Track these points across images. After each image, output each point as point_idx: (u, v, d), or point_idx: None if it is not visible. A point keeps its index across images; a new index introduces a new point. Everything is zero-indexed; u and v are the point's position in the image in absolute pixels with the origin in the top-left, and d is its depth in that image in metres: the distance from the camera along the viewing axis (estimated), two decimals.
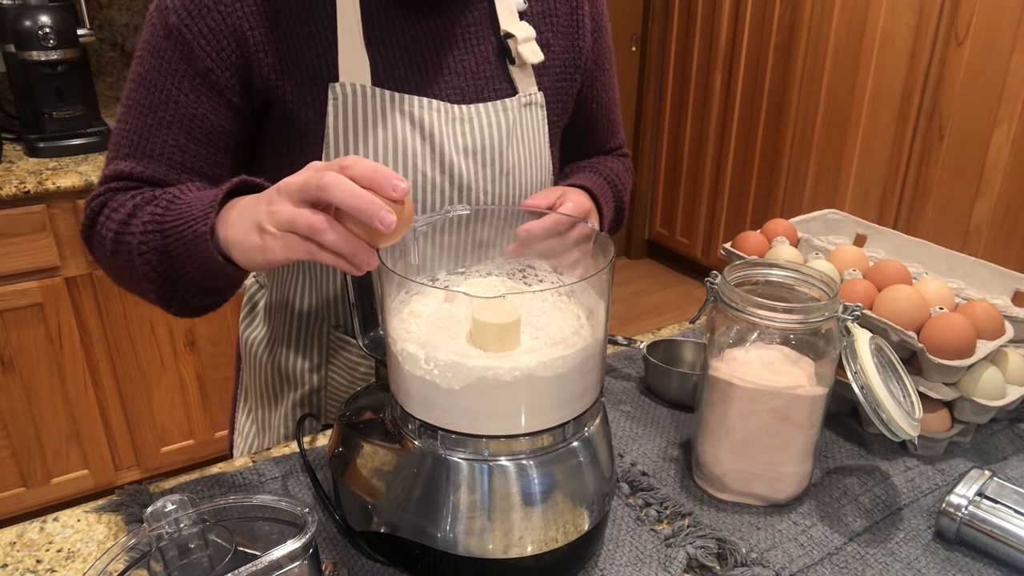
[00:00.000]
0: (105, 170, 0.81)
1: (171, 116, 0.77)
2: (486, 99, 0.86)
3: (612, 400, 0.95)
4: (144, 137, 0.78)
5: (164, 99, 0.77)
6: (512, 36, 0.85)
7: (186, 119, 0.78)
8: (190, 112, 0.77)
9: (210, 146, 0.80)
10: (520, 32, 0.86)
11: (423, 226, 0.74)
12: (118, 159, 0.80)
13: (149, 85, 0.77)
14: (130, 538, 0.53)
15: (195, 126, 0.78)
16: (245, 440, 1.07)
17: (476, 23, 0.86)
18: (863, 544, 0.73)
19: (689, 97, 3.38)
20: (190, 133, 0.78)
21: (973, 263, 1.01)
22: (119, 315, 2.00)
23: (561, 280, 0.74)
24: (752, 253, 1.03)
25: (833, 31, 2.70)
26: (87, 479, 2.11)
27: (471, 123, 0.85)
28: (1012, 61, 2.23)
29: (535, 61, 0.87)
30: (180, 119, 0.77)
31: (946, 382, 0.84)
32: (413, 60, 0.83)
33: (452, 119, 0.83)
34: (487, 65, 0.86)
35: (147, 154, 0.78)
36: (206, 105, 0.78)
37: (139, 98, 0.78)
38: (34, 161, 1.95)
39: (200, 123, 0.78)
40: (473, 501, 0.62)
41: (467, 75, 0.85)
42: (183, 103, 0.77)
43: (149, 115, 0.78)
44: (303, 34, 0.78)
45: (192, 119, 0.78)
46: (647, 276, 3.79)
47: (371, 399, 0.75)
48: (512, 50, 0.86)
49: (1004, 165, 2.31)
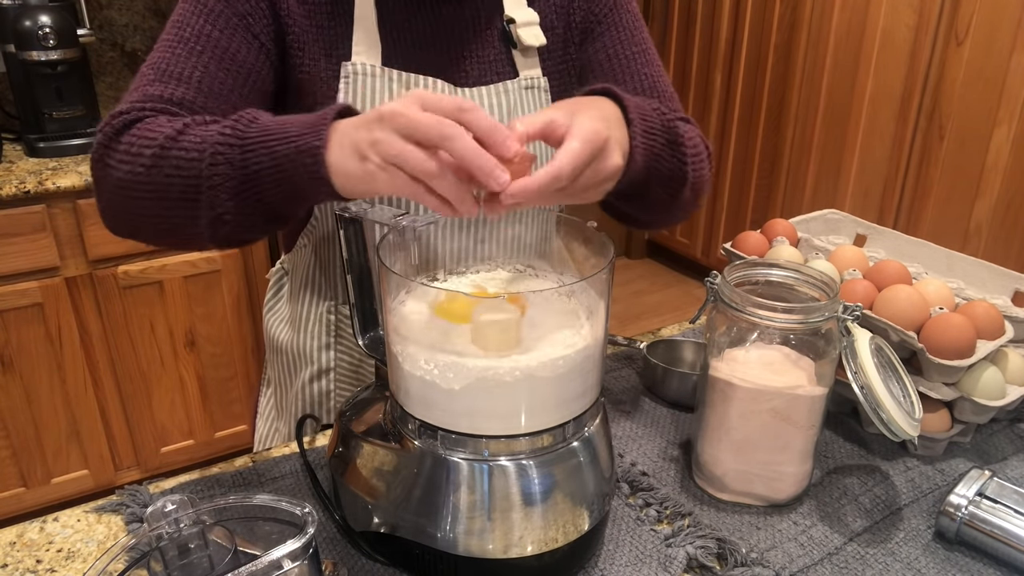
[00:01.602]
0: (129, 96, 0.74)
1: (202, 46, 0.76)
2: (489, 82, 0.88)
3: (612, 400, 0.95)
4: (173, 64, 0.75)
5: (197, 32, 0.76)
6: (513, 21, 0.88)
7: (218, 49, 0.76)
8: (223, 45, 0.76)
9: (240, 79, 0.77)
10: (521, 16, 0.88)
11: (423, 226, 0.74)
12: (144, 85, 0.75)
13: (182, 24, 0.77)
14: (130, 538, 0.53)
15: (226, 56, 0.76)
16: (267, 423, 1.10)
17: (486, 9, 0.88)
18: (863, 544, 0.73)
19: (689, 97, 3.38)
20: (220, 62, 0.76)
21: (973, 263, 1.01)
22: (119, 315, 2.00)
23: (561, 280, 0.74)
24: (752, 253, 1.03)
25: (833, 31, 2.70)
26: (87, 479, 2.11)
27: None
28: (1012, 61, 2.22)
29: (536, 44, 0.88)
30: (211, 49, 0.76)
31: (946, 382, 0.84)
32: (423, 42, 0.85)
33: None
34: (492, 49, 0.89)
35: (175, 78, 0.75)
36: (240, 41, 0.77)
37: (170, 36, 0.77)
38: (34, 161, 1.95)
39: (232, 56, 0.77)
40: (473, 501, 0.62)
41: (473, 59, 0.88)
42: (216, 37, 0.76)
43: (179, 46, 0.76)
44: (325, 14, 0.82)
45: (224, 51, 0.76)
46: (647, 276, 3.79)
47: (371, 399, 0.75)
48: (513, 34, 0.88)
49: (1004, 165, 2.31)
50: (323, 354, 0.97)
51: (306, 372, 0.99)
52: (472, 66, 0.88)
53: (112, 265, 1.95)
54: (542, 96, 0.92)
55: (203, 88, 0.75)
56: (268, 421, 1.10)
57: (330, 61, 0.82)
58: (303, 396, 1.00)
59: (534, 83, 0.90)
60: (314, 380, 0.99)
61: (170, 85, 0.74)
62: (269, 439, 1.09)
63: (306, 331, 0.97)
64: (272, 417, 1.09)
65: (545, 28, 0.90)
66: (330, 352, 0.97)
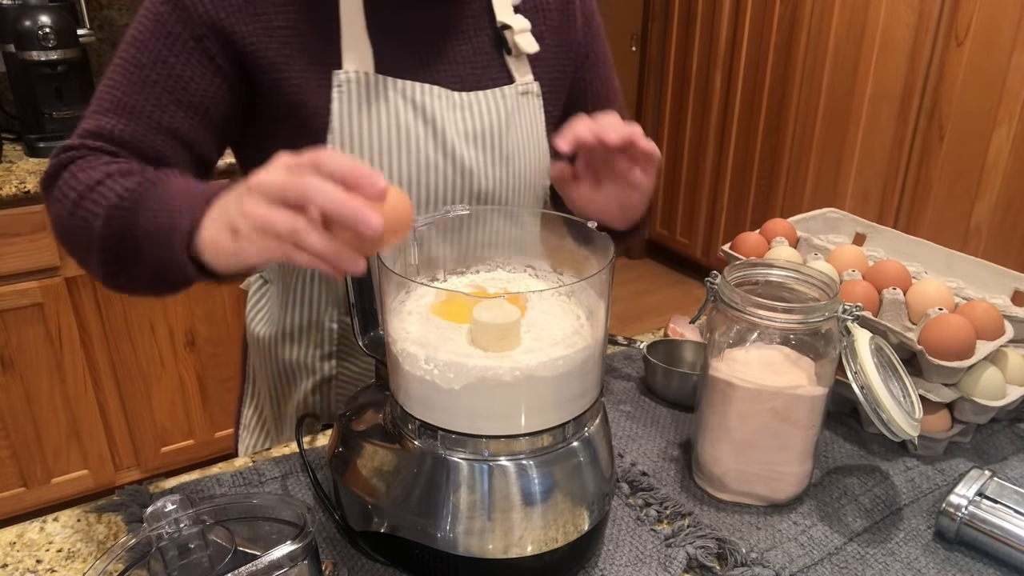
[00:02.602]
0: (83, 124, 0.77)
1: (157, 75, 0.76)
2: (484, 87, 0.88)
3: (612, 400, 0.95)
4: (127, 93, 0.76)
5: (152, 58, 0.76)
6: (509, 27, 0.88)
7: (171, 79, 0.76)
8: (176, 72, 0.76)
9: (192, 111, 0.78)
10: (516, 23, 0.88)
11: (423, 226, 0.74)
12: (98, 113, 0.77)
13: (140, 44, 0.77)
14: (130, 538, 0.53)
15: (179, 87, 0.77)
16: (251, 435, 1.08)
17: (474, 14, 0.88)
18: (863, 544, 0.73)
19: (689, 97, 3.38)
20: (172, 94, 0.77)
21: (973, 263, 1.01)
22: (119, 315, 2.00)
23: (561, 280, 0.74)
24: (751, 254, 1.03)
25: (833, 31, 2.70)
26: (87, 479, 2.11)
27: (471, 109, 0.86)
28: (1012, 61, 2.22)
29: (531, 51, 0.89)
30: (166, 78, 0.76)
31: (946, 383, 0.84)
32: (414, 48, 0.85)
33: (453, 104, 0.85)
34: (484, 55, 0.89)
35: (127, 110, 0.76)
36: (195, 67, 0.77)
37: (127, 56, 0.77)
38: (34, 161, 1.95)
39: (185, 85, 0.77)
40: (473, 501, 0.62)
41: (466, 64, 0.87)
42: (171, 63, 0.76)
43: (135, 72, 0.76)
44: (306, 21, 0.80)
45: (178, 80, 0.77)
46: (647, 276, 3.79)
47: (371, 399, 0.75)
48: (509, 40, 0.88)
49: (1004, 165, 2.31)
50: (325, 364, 0.96)
51: (307, 382, 0.97)
52: (467, 71, 0.87)
53: None
54: (535, 102, 0.92)
55: (153, 123, 0.77)
56: (254, 434, 1.07)
57: (320, 70, 0.80)
58: (304, 406, 0.99)
59: (529, 88, 0.91)
60: (316, 390, 0.97)
61: (122, 119, 0.76)
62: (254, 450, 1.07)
63: (306, 341, 0.96)
64: (257, 430, 1.06)
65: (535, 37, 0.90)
66: (332, 361, 0.96)
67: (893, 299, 0.89)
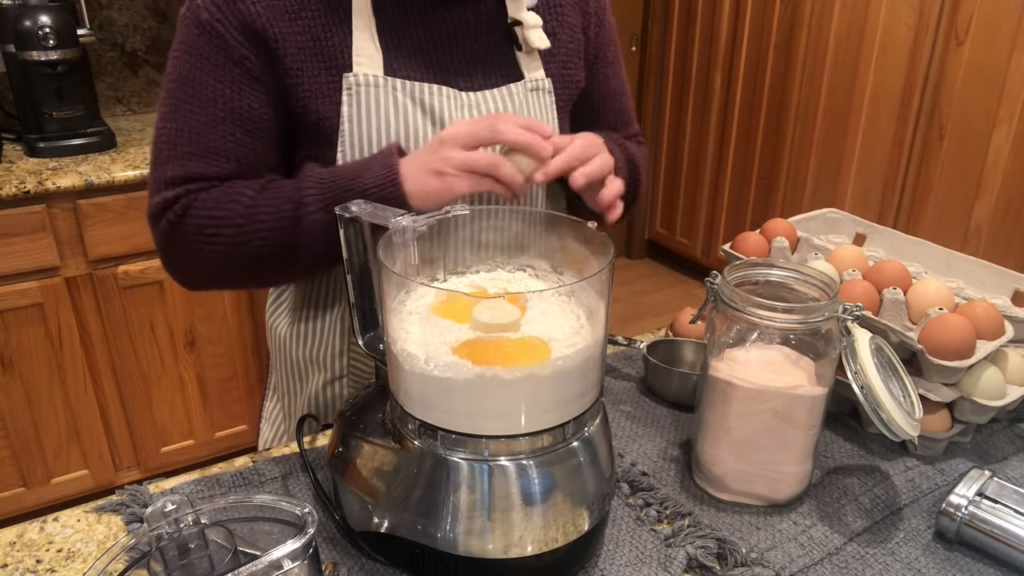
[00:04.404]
0: (169, 172, 0.81)
1: (222, 112, 0.80)
2: (493, 85, 0.89)
3: (612, 400, 0.95)
4: (202, 135, 0.80)
5: (211, 95, 0.79)
6: (520, 23, 0.88)
7: (236, 112, 0.80)
8: (237, 104, 0.80)
9: (262, 137, 0.83)
10: (528, 19, 0.89)
11: (423, 226, 0.73)
12: (180, 159, 0.81)
13: (192, 82, 0.79)
14: (130, 538, 0.53)
15: (245, 118, 0.81)
16: (272, 427, 1.10)
17: (486, 12, 0.88)
18: (863, 544, 0.73)
19: (689, 97, 3.38)
20: (243, 126, 0.81)
21: (973, 263, 1.01)
22: (119, 315, 2.00)
23: (561, 280, 0.74)
24: (751, 254, 1.03)
25: (833, 31, 2.70)
26: (87, 479, 2.11)
27: (479, 108, 0.87)
28: (1012, 61, 2.22)
29: (542, 47, 0.90)
30: (230, 112, 0.80)
31: (946, 383, 0.84)
32: (424, 50, 0.86)
33: (461, 105, 0.86)
34: (495, 52, 0.89)
35: (212, 151, 0.80)
36: (249, 95, 0.80)
37: (184, 96, 0.80)
38: (34, 161, 1.95)
39: (248, 114, 0.81)
40: (473, 501, 0.62)
41: (476, 63, 0.88)
42: (228, 96, 0.80)
43: (200, 112, 0.79)
44: (320, 27, 0.81)
45: (241, 111, 0.80)
46: (647, 276, 3.79)
47: (371, 399, 0.75)
48: (520, 36, 0.89)
49: (1004, 165, 2.31)
50: (337, 361, 0.97)
51: (318, 378, 0.98)
52: (476, 71, 0.88)
53: (112, 265, 1.95)
54: (546, 98, 0.92)
55: (239, 159, 0.82)
56: (274, 426, 1.09)
57: (331, 74, 0.82)
58: (315, 402, 0.99)
59: (539, 85, 0.91)
60: (327, 386, 0.98)
61: (209, 160, 0.81)
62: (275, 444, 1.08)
63: (319, 338, 0.97)
64: (279, 422, 1.08)
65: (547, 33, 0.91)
66: (343, 359, 0.96)
67: (893, 299, 0.89)
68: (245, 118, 0.81)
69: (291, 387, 1.03)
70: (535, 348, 0.61)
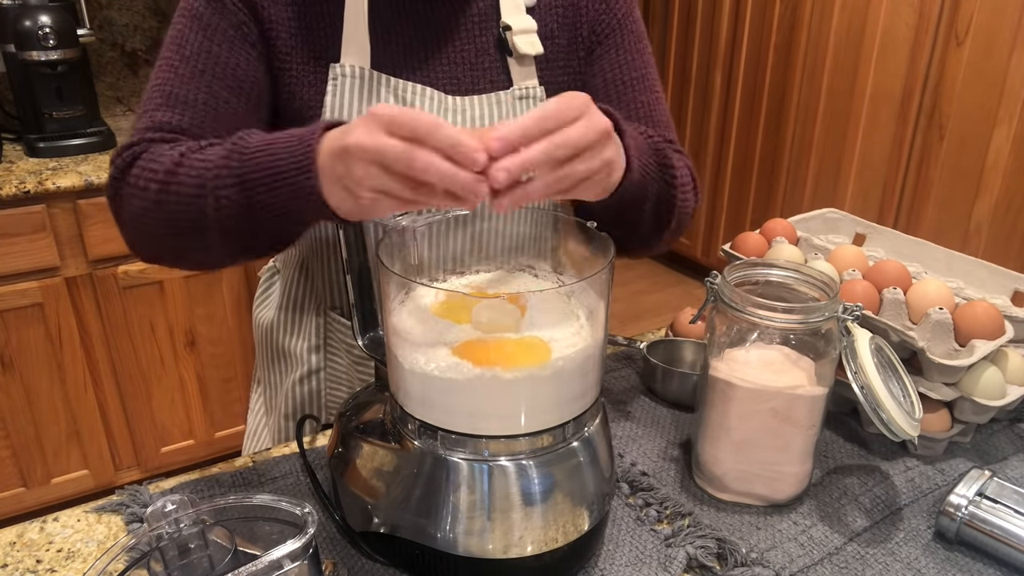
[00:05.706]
0: (138, 123, 0.77)
1: (203, 64, 0.77)
2: (481, 91, 0.86)
3: (612, 400, 0.95)
4: (177, 86, 0.77)
5: (197, 50, 0.78)
6: (509, 28, 0.85)
7: (219, 65, 0.78)
8: (224, 59, 0.78)
9: (243, 96, 0.79)
10: (518, 24, 0.85)
11: (423, 226, 0.74)
12: (151, 111, 0.77)
13: (182, 40, 0.78)
14: (130, 538, 0.53)
15: (229, 74, 0.78)
16: (255, 417, 1.10)
17: (480, 14, 0.86)
18: (863, 544, 0.73)
19: (689, 97, 3.38)
20: (223, 80, 0.78)
21: (973, 263, 1.01)
22: (119, 315, 2.00)
23: (561, 280, 0.74)
24: (751, 254, 1.03)
25: (833, 31, 2.70)
26: (87, 479, 2.11)
27: (463, 114, 0.85)
28: (1012, 61, 2.22)
29: (532, 53, 0.86)
30: (213, 66, 0.78)
31: (946, 382, 0.84)
32: (414, 47, 0.84)
33: (445, 109, 0.85)
34: (486, 57, 0.87)
35: (181, 102, 0.77)
36: (239, 54, 0.79)
37: (172, 54, 0.78)
38: (34, 161, 1.95)
39: (233, 71, 0.78)
40: (473, 501, 0.62)
41: (465, 66, 0.86)
42: (216, 53, 0.78)
43: (181, 66, 0.78)
44: (314, 15, 0.81)
45: (226, 67, 0.78)
46: (647, 276, 3.79)
47: (371, 399, 0.75)
48: (508, 41, 0.86)
49: (1004, 165, 2.31)
50: (312, 356, 0.98)
51: (296, 372, 0.99)
52: (464, 74, 0.86)
53: (112, 265, 1.95)
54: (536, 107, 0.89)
55: (209, 110, 0.77)
56: (257, 417, 1.10)
57: (319, 64, 0.81)
58: (292, 396, 1.00)
59: (528, 93, 0.88)
60: (304, 380, 0.99)
61: (176, 110, 0.76)
62: (258, 435, 1.09)
63: (296, 332, 0.98)
64: (261, 413, 1.09)
65: (545, 37, 0.87)
66: (319, 354, 0.97)
67: (893, 299, 0.89)
68: (229, 74, 0.78)
69: (271, 379, 1.04)
70: (535, 348, 0.61)
